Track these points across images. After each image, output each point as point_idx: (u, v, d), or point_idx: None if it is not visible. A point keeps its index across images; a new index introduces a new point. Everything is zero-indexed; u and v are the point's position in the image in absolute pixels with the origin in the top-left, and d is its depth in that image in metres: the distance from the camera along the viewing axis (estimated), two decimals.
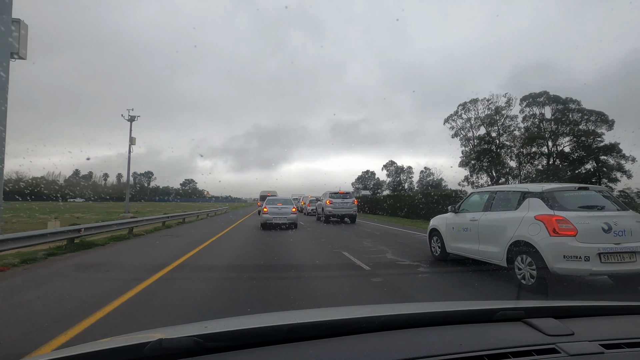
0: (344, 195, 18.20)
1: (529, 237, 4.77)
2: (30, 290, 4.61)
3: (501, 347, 0.96)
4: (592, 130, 31.56)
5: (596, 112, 31.41)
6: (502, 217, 5.48)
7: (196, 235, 11.64)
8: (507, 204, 5.65)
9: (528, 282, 4.76)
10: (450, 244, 6.82)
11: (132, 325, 3.26)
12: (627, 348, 0.98)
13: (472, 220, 6.15)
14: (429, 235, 7.72)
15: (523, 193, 5.30)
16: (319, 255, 7.99)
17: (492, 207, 5.90)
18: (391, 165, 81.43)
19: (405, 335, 1.06)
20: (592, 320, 1.25)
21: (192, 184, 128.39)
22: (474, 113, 40.86)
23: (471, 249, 6.12)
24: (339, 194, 18.06)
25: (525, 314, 1.17)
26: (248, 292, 4.52)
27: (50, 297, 4.24)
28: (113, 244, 9.29)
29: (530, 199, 5.08)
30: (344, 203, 17.71)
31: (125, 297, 4.13)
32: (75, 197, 79.95)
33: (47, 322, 3.31)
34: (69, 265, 6.36)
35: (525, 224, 4.90)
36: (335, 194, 18.05)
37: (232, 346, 0.97)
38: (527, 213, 4.97)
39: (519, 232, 4.96)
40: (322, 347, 0.97)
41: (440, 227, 7.22)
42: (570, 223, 4.48)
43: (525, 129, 37.19)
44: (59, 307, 3.77)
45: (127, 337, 1.08)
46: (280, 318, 1.25)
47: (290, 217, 13.55)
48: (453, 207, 7.06)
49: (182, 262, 6.67)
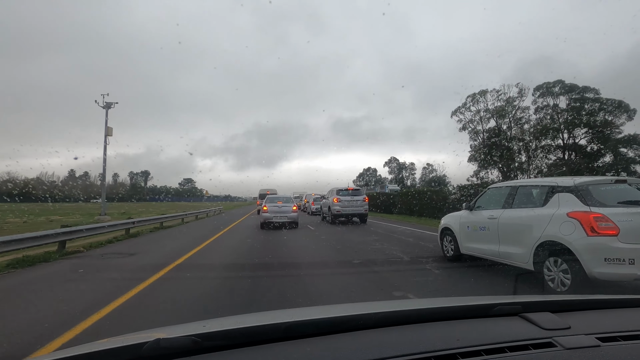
0: (354, 192, 16.53)
1: (561, 237, 4.26)
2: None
3: (498, 341, 0.98)
4: (610, 120, 30.74)
5: (616, 101, 30.51)
6: (527, 214, 4.97)
7: (157, 255, 8.16)
8: (532, 200, 5.16)
9: (559, 288, 4.27)
10: (464, 244, 6.42)
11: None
12: (623, 341, 1.00)
13: (491, 219, 5.67)
14: (440, 234, 7.37)
15: (551, 187, 4.78)
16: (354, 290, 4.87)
17: (513, 204, 5.40)
18: (393, 161, 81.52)
19: (403, 332, 1.08)
20: (589, 314, 1.27)
21: (191, 184, 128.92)
22: (484, 105, 40.23)
23: (489, 250, 5.64)
24: (348, 191, 16.35)
25: (522, 309, 1.19)
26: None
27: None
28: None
29: (561, 194, 4.55)
30: (353, 201, 15.90)
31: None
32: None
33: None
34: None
35: (556, 222, 4.38)
36: (343, 191, 16.27)
37: (230, 345, 0.98)
38: (558, 210, 4.45)
39: (549, 232, 4.44)
40: (320, 344, 1.00)
41: (453, 226, 6.84)
42: (610, 221, 3.96)
43: (537, 120, 36.52)
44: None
45: (125, 338, 1.09)
46: (278, 316, 1.28)
47: (290, 215, 13.40)
48: (468, 204, 6.64)
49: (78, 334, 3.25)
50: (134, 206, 49.54)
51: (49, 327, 3.37)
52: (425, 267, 6.30)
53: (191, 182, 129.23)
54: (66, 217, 22.14)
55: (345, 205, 15.82)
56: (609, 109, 30.80)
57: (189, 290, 4.90)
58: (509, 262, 5.24)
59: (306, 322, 1.13)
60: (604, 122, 30.86)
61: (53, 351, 2.46)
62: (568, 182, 4.64)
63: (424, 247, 8.66)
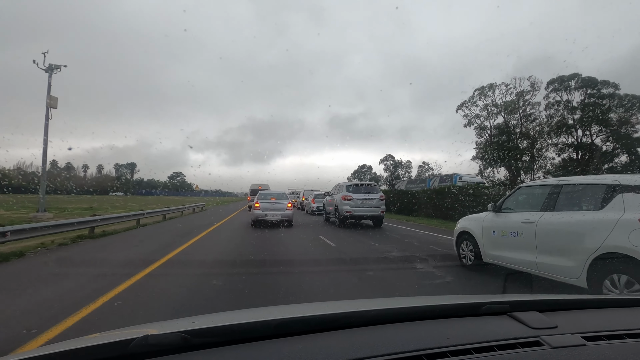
0: (367, 188, 13.62)
1: (632, 248, 3.47)
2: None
3: (487, 340, 1.02)
4: (628, 118, 30.13)
5: (637, 96, 29.75)
6: (578, 219, 4.18)
7: None
8: (583, 201, 4.38)
9: None
10: (488, 252, 5.70)
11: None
12: (607, 340, 1.06)
13: (526, 223, 4.89)
14: (457, 239, 6.66)
15: (611, 187, 3.98)
16: None
17: (556, 206, 4.62)
18: (388, 159, 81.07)
19: (394, 329, 1.12)
20: (575, 314, 1.34)
21: (181, 177, 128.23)
22: (492, 99, 39.53)
23: (523, 260, 4.87)
24: (360, 187, 13.55)
25: (510, 308, 1.25)
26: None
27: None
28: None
29: (627, 195, 3.75)
30: (367, 200, 12.99)
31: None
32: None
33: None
34: None
35: (623, 229, 3.59)
36: (355, 187, 13.46)
37: (219, 342, 1.00)
38: (624, 215, 3.66)
39: (612, 242, 3.65)
40: (310, 341, 1.02)
41: (474, 230, 6.11)
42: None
43: (548, 116, 35.89)
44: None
45: (113, 333, 1.10)
46: (269, 313, 1.31)
47: (285, 213, 12.96)
48: (493, 205, 5.87)
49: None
50: (111, 200, 44.93)
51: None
52: None
53: (181, 175, 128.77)
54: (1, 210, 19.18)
55: (358, 205, 12.94)
56: (627, 105, 30.16)
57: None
58: (549, 276, 4.47)
59: (297, 320, 1.15)
60: (622, 120, 30.24)
61: (40, 346, 2.40)
62: (636, 180, 3.85)
63: None
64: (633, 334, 1.10)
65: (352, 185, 13.71)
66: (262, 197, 13.45)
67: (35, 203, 19.57)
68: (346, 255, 7.66)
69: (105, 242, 9.26)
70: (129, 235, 10.82)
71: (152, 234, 11.28)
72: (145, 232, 11.78)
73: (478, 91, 39.22)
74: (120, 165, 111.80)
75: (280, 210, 12.90)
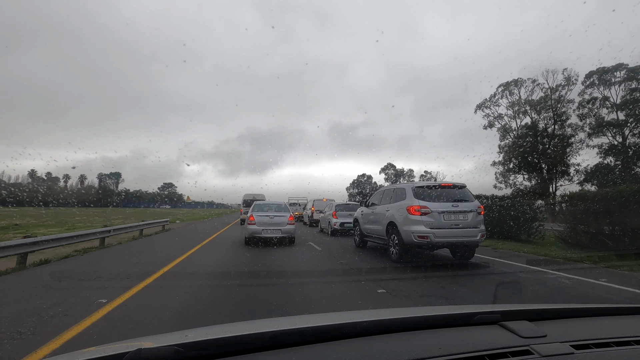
0: (455, 191, 7.67)
1: None
2: None
3: (479, 349, 1.04)
4: None
5: None
6: None
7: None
8: None
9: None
10: None
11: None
12: (595, 348, 1.08)
13: None
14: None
15: None
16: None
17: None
18: (390, 168, 77.71)
19: (387, 340, 1.12)
20: (564, 323, 1.36)
21: (171, 188, 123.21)
22: (517, 97, 35.61)
23: None
24: (442, 189, 7.62)
25: (501, 317, 1.26)
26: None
27: None
28: None
29: None
30: (457, 213, 7.26)
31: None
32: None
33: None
34: None
35: None
36: (433, 189, 7.58)
37: (213, 354, 0.98)
38: None
39: None
40: (304, 353, 1.02)
41: None
42: None
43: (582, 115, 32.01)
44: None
45: (107, 347, 1.08)
46: (262, 325, 1.28)
47: (286, 229, 10.88)
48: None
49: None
50: (68, 214, 37.73)
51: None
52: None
53: (172, 186, 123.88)
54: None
55: (441, 224, 7.11)
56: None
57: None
58: None
59: (291, 331, 1.15)
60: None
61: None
62: None
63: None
64: (620, 342, 1.13)
65: (426, 188, 7.65)
66: (258, 210, 11.32)
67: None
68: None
69: None
70: None
71: None
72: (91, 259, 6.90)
73: (502, 87, 35.31)
74: (103, 175, 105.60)
75: (280, 225, 10.85)
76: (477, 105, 37.54)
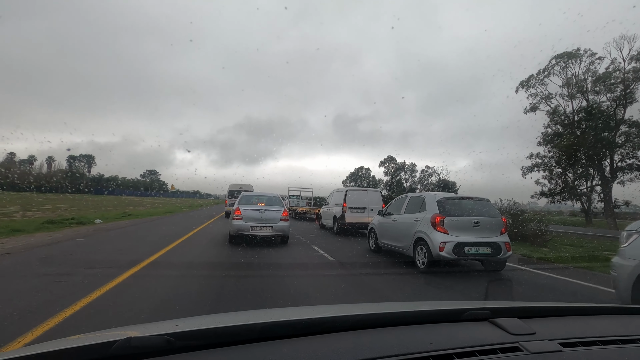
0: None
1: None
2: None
3: (469, 345, 1.05)
4: None
5: None
6: None
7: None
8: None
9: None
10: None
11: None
12: (582, 346, 1.10)
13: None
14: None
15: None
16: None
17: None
18: (390, 161, 71.93)
19: (379, 334, 1.12)
20: (552, 321, 1.38)
21: (155, 176, 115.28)
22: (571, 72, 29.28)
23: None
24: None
25: (491, 314, 1.28)
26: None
27: None
28: None
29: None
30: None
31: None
32: None
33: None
34: None
35: None
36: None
37: (204, 345, 0.97)
38: None
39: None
40: (295, 345, 1.01)
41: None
42: None
43: None
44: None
45: (96, 335, 1.07)
46: (254, 316, 1.31)
47: (278, 226, 9.53)
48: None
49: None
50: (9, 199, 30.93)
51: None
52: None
53: (155, 173, 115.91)
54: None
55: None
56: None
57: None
58: None
59: (282, 323, 1.15)
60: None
61: (21, 347, 2.31)
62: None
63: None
64: (607, 340, 1.14)
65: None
66: (246, 202, 10.05)
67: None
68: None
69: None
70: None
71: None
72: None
73: (556, 59, 28.85)
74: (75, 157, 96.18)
75: (272, 221, 9.52)
76: (521, 83, 31.17)
